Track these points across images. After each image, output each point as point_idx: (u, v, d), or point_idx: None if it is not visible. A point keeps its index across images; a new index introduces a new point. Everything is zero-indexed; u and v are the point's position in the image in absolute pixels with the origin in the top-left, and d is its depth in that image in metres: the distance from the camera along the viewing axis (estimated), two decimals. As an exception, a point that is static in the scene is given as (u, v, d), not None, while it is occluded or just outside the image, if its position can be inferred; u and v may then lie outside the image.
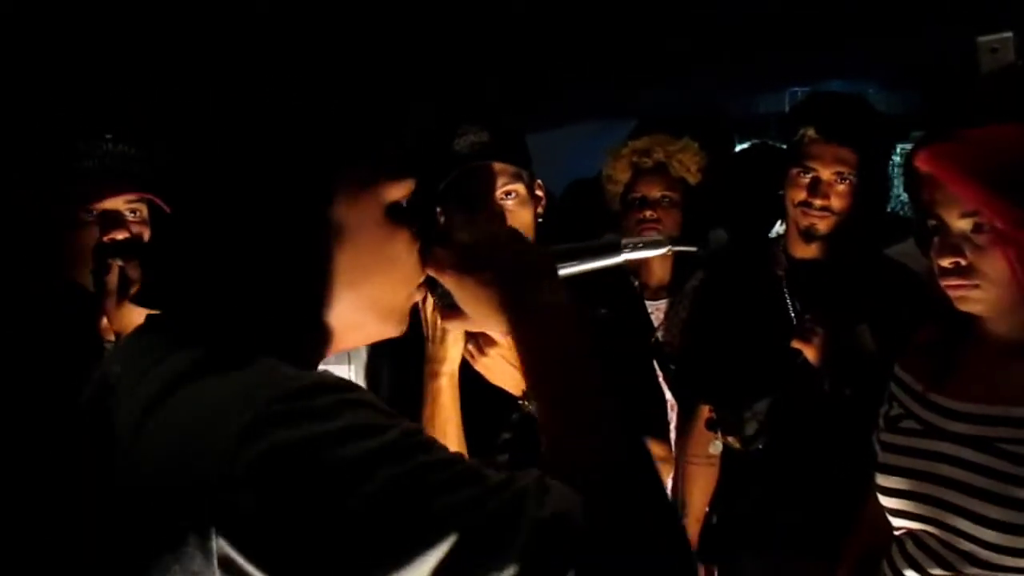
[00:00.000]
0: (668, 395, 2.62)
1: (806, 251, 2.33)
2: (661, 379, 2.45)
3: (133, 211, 1.91)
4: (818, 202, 2.23)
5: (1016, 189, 1.44)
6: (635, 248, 1.20)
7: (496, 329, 1.11)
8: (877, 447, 1.74)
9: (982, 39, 2.17)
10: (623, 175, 2.90)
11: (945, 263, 1.52)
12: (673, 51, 5.57)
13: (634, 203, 2.85)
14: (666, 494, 0.95)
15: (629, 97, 7.42)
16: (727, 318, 2.45)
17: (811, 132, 2.24)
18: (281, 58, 1.04)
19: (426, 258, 1.07)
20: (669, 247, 1.23)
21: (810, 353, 2.19)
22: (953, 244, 1.51)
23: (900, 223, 3.08)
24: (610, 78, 6.36)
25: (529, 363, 1.01)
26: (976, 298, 1.52)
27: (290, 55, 1.05)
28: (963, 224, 1.50)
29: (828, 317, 2.20)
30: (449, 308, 1.13)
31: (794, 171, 2.28)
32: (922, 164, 1.54)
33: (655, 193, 2.83)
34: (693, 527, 2.54)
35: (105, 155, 1.94)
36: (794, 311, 2.35)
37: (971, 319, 1.60)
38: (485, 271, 1.06)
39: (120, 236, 1.86)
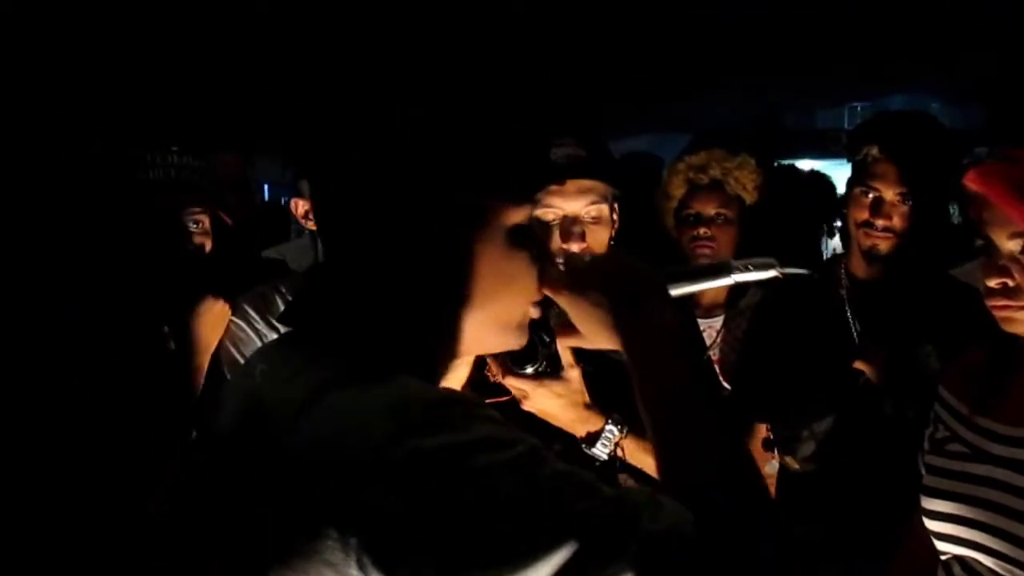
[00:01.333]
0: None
1: (868, 271, 2.30)
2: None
3: (196, 222, 1.94)
4: (880, 222, 2.20)
5: None
6: (744, 270, 1.21)
7: (608, 346, 1.14)
8: (923, 469, 1.71)
9: None
10: (678, 191, 2.87)
11: (992, 283, 1.50)
12: (732, 65, 5.54)
13: (688, 219, 2.82)
14: (771, 511, 0.98)
15: (685, 110, 7.39)
16: (787, 337, 2.42)
17: (875, 151, 2.21)
18: (414, 93, 1.10)
19: (543, 278, 1.12)
20: (779, 271, 1.22)
21: (872, 374, 2.15)
22: (1001, 265, 1.49)
23: (964, 239, 3.03)
24: (666, 91, 6.35)
25: (641, 382, 1.05)
26: (1022, 319, 1.49)
27: (420, 92, 1.10)
28: (1012, 245, 1.47)
29: (891, 338, 2.17)
30: (564, 326, 1.19)
31: (857, 190, 2.25)
32: (972, 183, 1.52)
33: (710, 210, 2.80)
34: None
35: (171, 167, 1.98)
36: (856, 331, 2.32)
37: (1017, 341, 1.57)
38: (598, 291, 1.11)
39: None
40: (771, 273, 1.21)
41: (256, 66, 5.12)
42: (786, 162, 4.37)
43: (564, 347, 1.44)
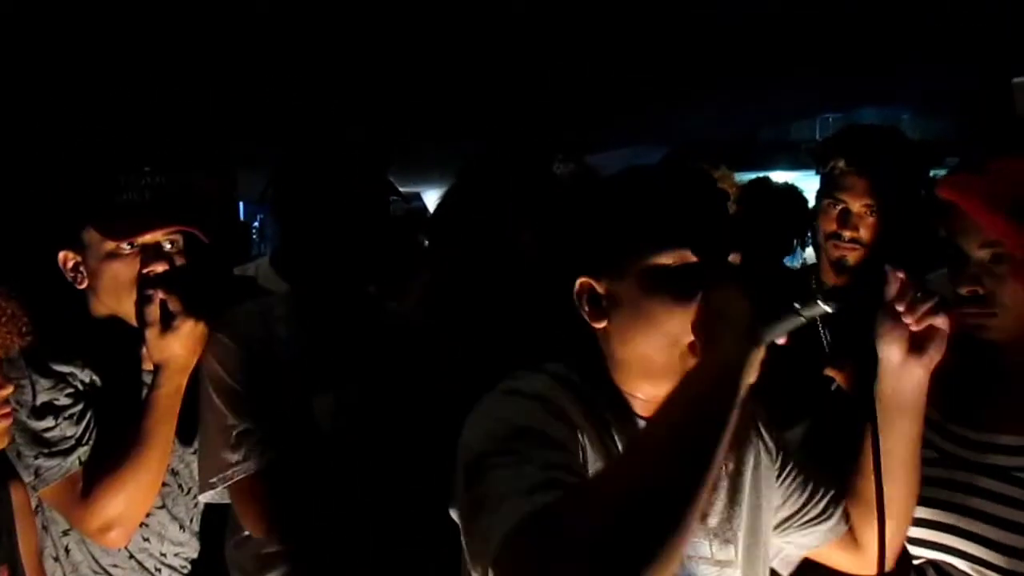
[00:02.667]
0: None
1: (837, 281, 2.33)
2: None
3: (171, 243, 1.94)
4: (847, 234, 2.24)
5: None
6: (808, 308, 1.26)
7: None
8: None
9: (1017, 80, 2.17)
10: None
11: (964, 291, 1.53)
12: (707, 77, 5.59)
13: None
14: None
15: (660, 123, 7.44)
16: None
17: (842, 164, 2.25)
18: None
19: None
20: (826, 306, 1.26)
21: (843, 381, 2.18)
22: (972, 273, 1.52)
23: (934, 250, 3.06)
24: (642, 103, 6.39)
25: (680, 390, 1.12)
26: (993, 326, 1.52)
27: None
28: (982, 254, 1.50)
29: (861, 347, 2.20)
30: None
31: (825, 202, 2.29)
32: (944, 192, 1.55)
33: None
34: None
35: (145, 188, 1.98)
36: (826, 340, 2.35)
37: (986, 348, 1.59)
38: (704, 320, 1.23)
39: (160, 268, 1.90)
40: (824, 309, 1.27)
41: (242, 81, 5.12)
42: (760, 174, 4.41)
43: None
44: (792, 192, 4.04)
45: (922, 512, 1.60)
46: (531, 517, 1.01)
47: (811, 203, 3.32)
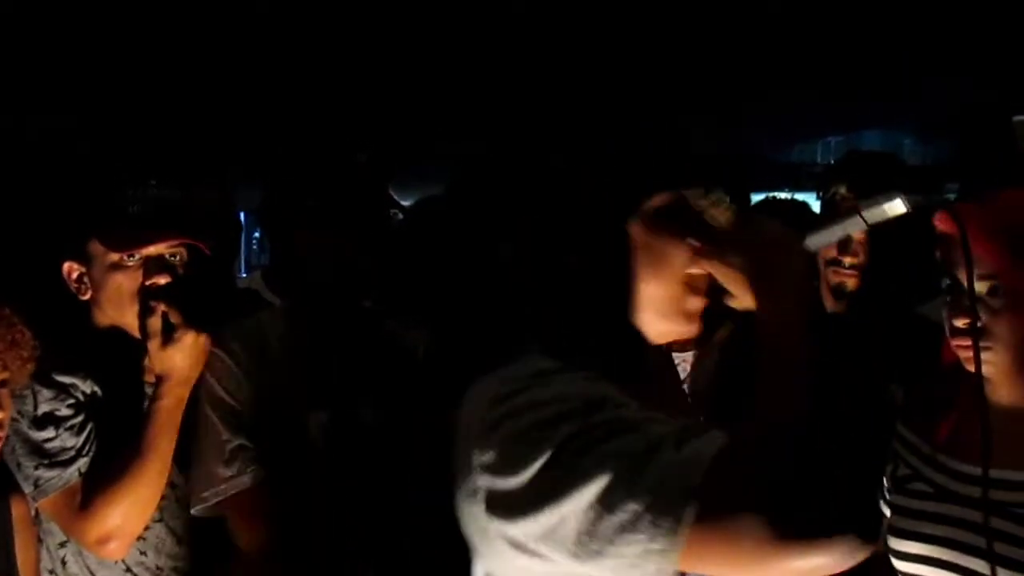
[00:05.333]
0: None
1: (836, 307, 2.34)
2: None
3: (174, 255, 1.95)
4: (848, 260, 2.25)
5: None
6: (872, 206, 1.25)
7: (752, 306, 1.23)
8: (884, 508, 1.71)
9: (1018, 118, 2.18)
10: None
11: (959, 323, 1.52)
12: (709, 97, 5.61)
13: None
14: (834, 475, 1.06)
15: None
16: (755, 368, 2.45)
17: (843, 190, 2.27)
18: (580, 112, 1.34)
19: (696, 253, 1.26)
20: (906, 201, 1.23)
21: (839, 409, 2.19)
22: (968, 305, 1.49)
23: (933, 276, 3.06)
24: (640, 122, 6.40)
25: (765, 335, 1.17)
26: (986, 359, 1.50)
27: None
28: (979, 286, 1.48)
29: (858, 374, 2.20)
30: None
31: (826, 228, 2.30)
32: (941, 223, 1.53)
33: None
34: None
35: (149, 200, 2.00)
36: (823, 366, 2.35)
37: (980, 380, 1.56)
38: (740, 256, 1.23)
39: (163, 280, 1.91)
40: (899, 205, 1.24)
41: (243, 93, 5.15)
42: (762, 195, 4.40)
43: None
44: (803, 211, 4.02)
45: (916, 548, 1.59)
46: (726, 447, 1.04)
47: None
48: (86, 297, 1.96)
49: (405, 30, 4.19)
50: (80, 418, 1.88)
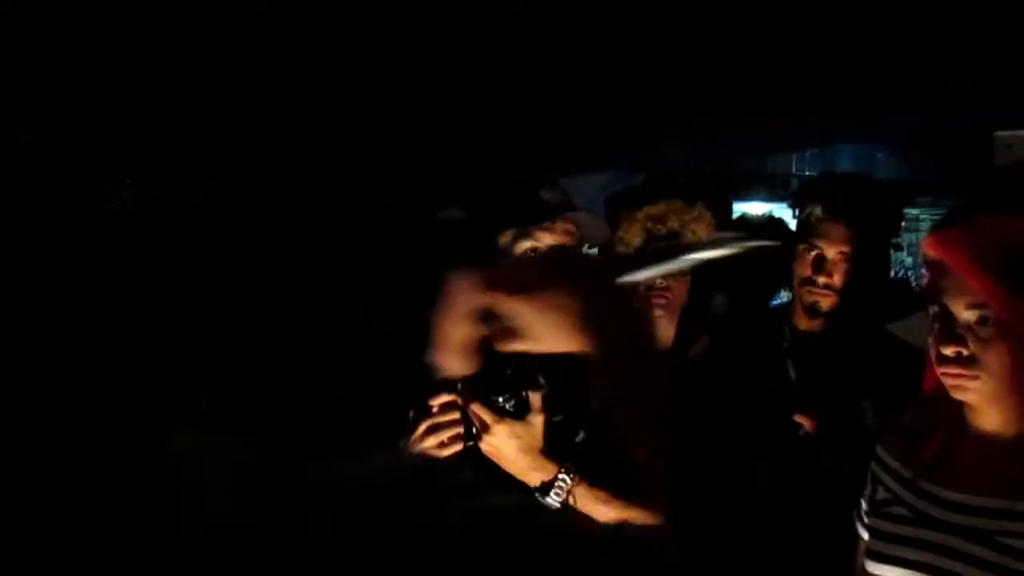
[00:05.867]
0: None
1: (810, 324, 2.36)
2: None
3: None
4: (822, 279, 2.27)
5: None
6: (697, 250, 1.17)
7: (570, 348, 1.00)
8: (862, 531, 1.72)
9: (999, 134, 2.21)
10: (635, 240, 2.91)
11: (948, 351, 1.50)
12: (683, 109, 5.63)
13: (643, 271, 2.87)
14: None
15: (635, 150, 7.47)
16: (729, 386, 2.47)
17: (818, 211, 2.29)
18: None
19: (487, 281, 0.99)
20: (733, 246, 1.17)
21: (811, 426, 2.21)
22: (957, 333, 1.49)
23: (906, 292, 3.07)
24: (619, 130, 6.42)
25: (620, 380, 0.98)
26: (973, 388, 1.51)
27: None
28: (968, 314, 1.48)
29: (829, 391, 2.23)
30: (505, 333, 1.02)
31: (801, 247, 2.33)
32: (931, 250, 1.53)
33: (666, 262, 2.85)
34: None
35: (127, 199, 1.98)
36: (796, 383, 2.37)
37: (957, 405, 1.58)
38: (561, 289, 0.95)
39: None
40: (724, 250, 1.16)
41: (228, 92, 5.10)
42: (736, 204, 4.42)
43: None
44: (776, 225, 4.02)
45: (895, 572, 1.59)
46: None
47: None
48: None
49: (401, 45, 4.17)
50: None
